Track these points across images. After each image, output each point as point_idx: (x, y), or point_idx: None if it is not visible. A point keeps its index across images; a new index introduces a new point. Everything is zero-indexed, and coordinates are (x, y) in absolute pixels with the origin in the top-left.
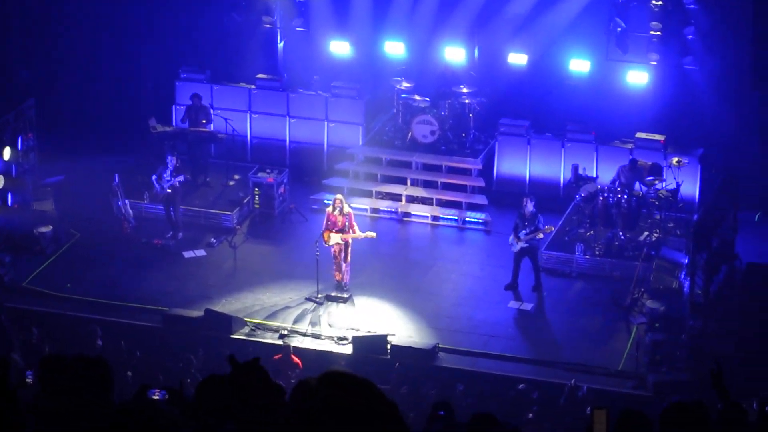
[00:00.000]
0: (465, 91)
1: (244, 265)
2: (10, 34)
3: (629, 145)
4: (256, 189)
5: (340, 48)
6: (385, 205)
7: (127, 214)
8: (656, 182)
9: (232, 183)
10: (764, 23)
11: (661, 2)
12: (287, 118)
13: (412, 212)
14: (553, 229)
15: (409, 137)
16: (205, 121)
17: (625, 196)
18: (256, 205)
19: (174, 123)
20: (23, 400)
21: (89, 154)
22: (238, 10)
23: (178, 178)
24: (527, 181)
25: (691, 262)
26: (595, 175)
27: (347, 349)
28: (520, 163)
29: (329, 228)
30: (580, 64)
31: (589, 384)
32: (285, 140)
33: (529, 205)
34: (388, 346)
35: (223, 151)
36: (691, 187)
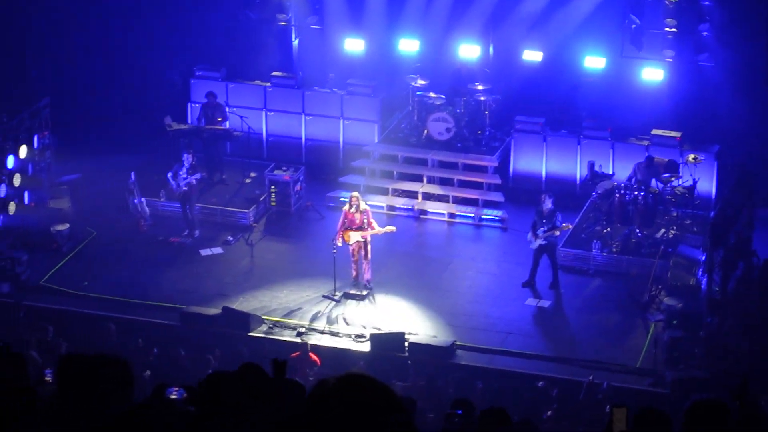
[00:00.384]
0: (480, 88)
1: (260, 262)
2: (27, 33)
3: (645, 142)
4: (273, 187)
5: (354, 45)
6: (402, 202)
7: (143, 212)
8: (673, 179)
9: (248, 181)
10: None
11: None
12: (302, 116)
13: (429, 210)
14: (570, 227)
15: (424, 134)
16: (220, 119)
17: (642, 193)
18: (273, 203)
19: (189, 121)
20: (42, 398)
21: (105, 152)
22: (253, 7)
23: (195, 176)
24: (543, 179)
25: (708, 259)
26: (611, 172)
27: (365, 347)
28: (536, 161)
29: (348, 226)
30: (595, 61)
31: (607, 381)
32: (300, 138)
33: (548, 203)
34: (406, 344)
35: (239, 149)
36: (708, 184)
